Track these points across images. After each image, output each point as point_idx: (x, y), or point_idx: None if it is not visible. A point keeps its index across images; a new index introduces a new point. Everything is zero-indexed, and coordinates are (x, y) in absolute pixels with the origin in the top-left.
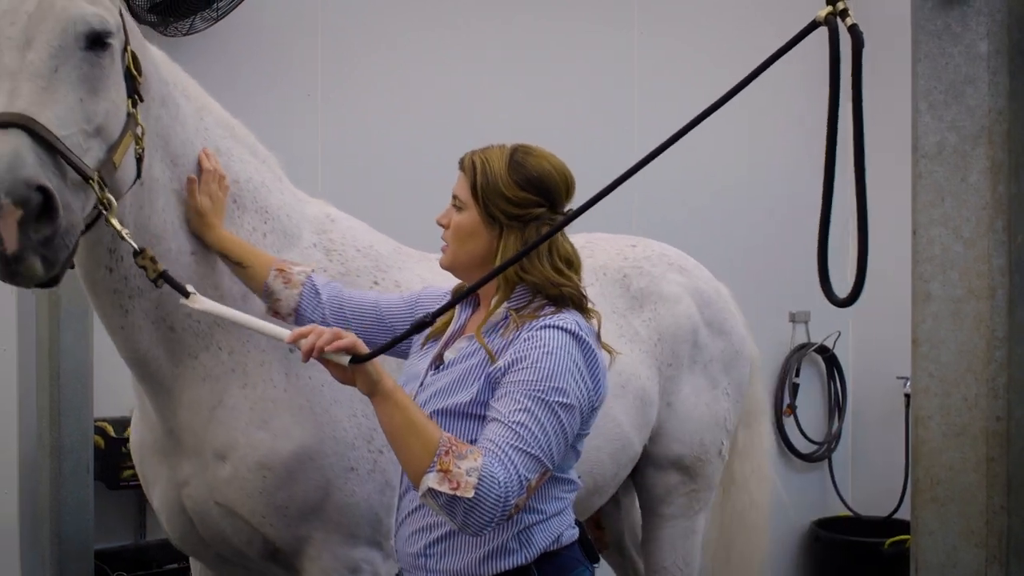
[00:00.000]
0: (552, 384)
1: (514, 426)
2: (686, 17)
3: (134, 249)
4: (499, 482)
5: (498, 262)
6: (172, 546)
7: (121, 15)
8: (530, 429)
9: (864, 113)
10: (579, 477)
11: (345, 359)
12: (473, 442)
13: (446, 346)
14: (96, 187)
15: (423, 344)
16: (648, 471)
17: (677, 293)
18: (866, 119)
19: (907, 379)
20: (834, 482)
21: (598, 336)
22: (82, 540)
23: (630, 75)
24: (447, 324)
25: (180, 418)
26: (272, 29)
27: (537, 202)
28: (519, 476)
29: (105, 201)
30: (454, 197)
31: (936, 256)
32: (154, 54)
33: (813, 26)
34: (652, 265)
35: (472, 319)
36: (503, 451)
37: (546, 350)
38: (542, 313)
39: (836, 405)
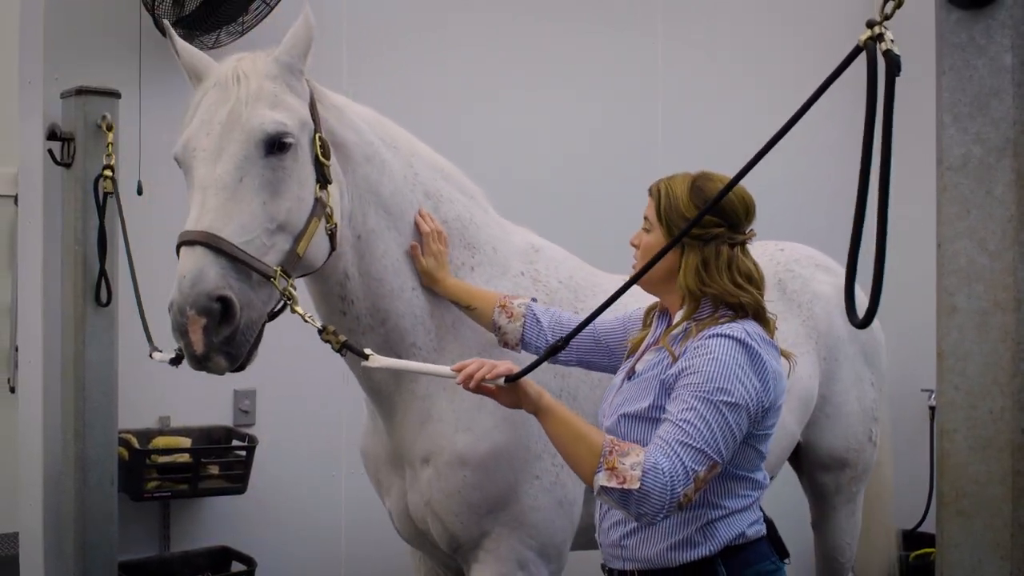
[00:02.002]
0: (716, 385)
1: (681, 423)
2: (711, 23)
3: (317, 328)
4: (663, 471)
5: (681, 278)
6: (195, 558)
7: (312, 101)
8: (695, 425)
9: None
10: (766, 479)
11: (501, 380)
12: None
13: (639, 358)
14: (278, 283)
15: (626, 357)
16: (816, 473)
17: (828, 292)
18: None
19: (932, 392)
20: None
21: (774, 342)
22: (106, 551)
23: (654, 79)
24: (643, 339)
25: (401, 434)
26: None
27: (716, 223)
28: (684, 467)
29: (287, 294)
30: (645, 219)
31: (961, 269)
32: (355, 118)
33: (856, 51)
34: (802, 267)
35: (665, 332)
36: (669, 445)
37: (712, 356)
38: (718, 322)
39: None
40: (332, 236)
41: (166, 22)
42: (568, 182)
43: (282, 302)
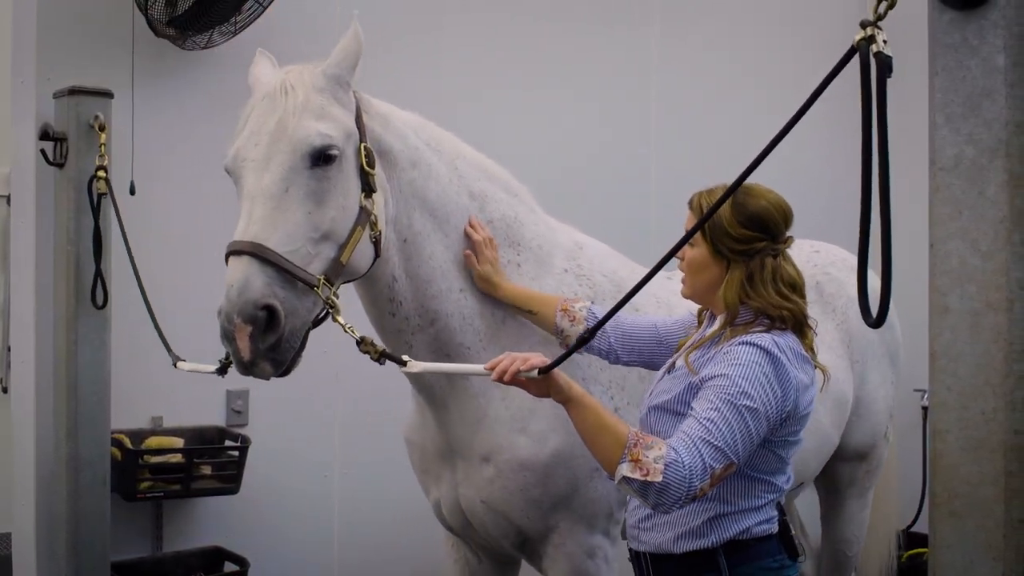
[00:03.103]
0: (740, 389)
1: (704, 422)
2: (707, 22)
3: (356, 339)
4: (684, 465)
5: (722, 292)
6: (188, 558)
7: (359, 112)
8: (717, 425)
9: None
10: (788, 483)
11: (534, 372)
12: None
13: (679, 356)
14: (320, 292)
15: (676, 351)
16: (836, 463)
17: None
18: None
19: (924, 392)
20: None
21: (806, 355)
22: (99, 552)
23: (647, 79)
24: (692, 337)
25: (454, 429)
26: (289, 43)
27: (759, 237)
28: (704, 463)
29: (330, 302)
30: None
31: (954, 269)
32: (401, 125)
33: (851, 53)
34: (838, 270)
35: (699, 342)
36: (692, 441)
37: (737, 362)
38: (752, 330)
39: None
40: (376, 243)
41: (261, 50)
42: (563, 182)
43: (325, 310)
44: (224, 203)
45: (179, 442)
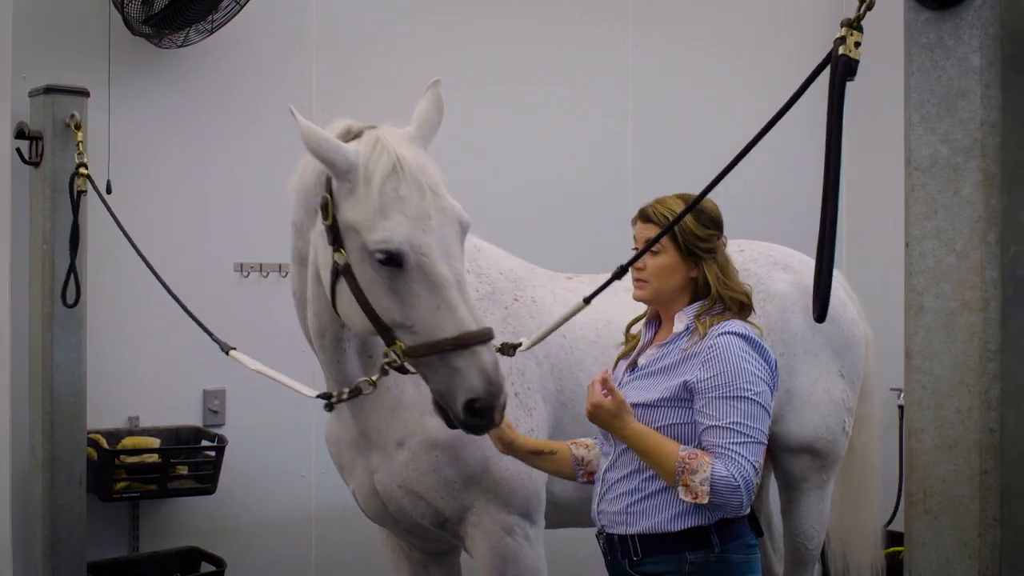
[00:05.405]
0: (742, 382)
1: (731, 426)
2: (681, 14)
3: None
4: (733, 477)
5: (714, 287)
6: (164, 558)
7: None
8: (743, 423)
9: (855, 125)
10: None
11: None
12: (672, 426)
13: (639, 355)
14: None
15: (618, 360)
16: (784, 457)
17: (783, 290)
18: (859, 131)
19: (900, 391)
20: None
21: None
22: (75, 552)
23: (624, 73)
24: (637, 340)
25: (370, 421)
26: (267, 41)
27: (716, 235)
28: (750, 464)
29: None
30: (650, 241)
31: (929, 268)
32: None
33: (827, 59)
34: (758, 266)
35: (659, 334)
36: (730, 450)
37: (726, 355)
38: (723, 318)
39: None
40: None
41: (294, 110)
42: (541, 180)
43: None
44: (201, 202)
45: (155, 442)
